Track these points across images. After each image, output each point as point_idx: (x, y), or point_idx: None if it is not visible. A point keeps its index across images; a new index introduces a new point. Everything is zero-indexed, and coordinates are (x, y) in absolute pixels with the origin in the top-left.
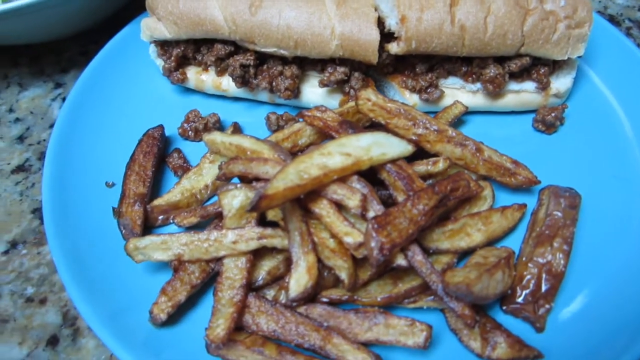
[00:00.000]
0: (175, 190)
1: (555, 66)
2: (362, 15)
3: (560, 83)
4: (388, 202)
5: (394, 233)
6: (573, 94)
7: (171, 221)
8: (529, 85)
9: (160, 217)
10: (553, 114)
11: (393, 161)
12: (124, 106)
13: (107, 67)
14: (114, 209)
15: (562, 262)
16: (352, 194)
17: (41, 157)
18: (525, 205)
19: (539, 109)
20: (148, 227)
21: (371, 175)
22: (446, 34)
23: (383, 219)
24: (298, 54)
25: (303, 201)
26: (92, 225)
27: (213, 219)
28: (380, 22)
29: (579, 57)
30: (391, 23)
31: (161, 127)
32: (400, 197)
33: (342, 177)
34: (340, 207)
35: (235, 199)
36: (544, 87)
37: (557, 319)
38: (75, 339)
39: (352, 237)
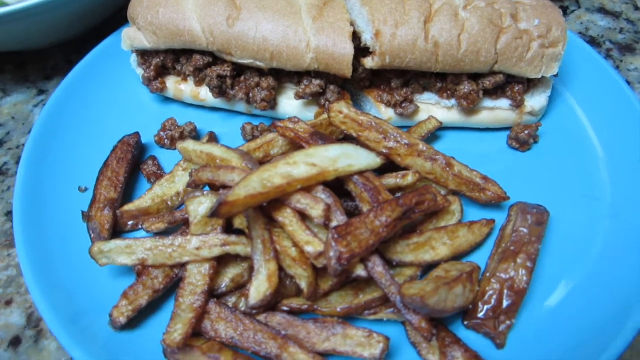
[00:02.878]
0: (146, 196)
1: (530, 84)
2: (337, 29)
3: (535, 101)
4: (354, 213)
5: (353, 243)
6: (548, 112)
7: (140, 227)
8: (504, 103)
9: (130, 223)
10: (526, 132)
11: (360, 173)
12: (103, 113)
13: (89, 74)
14: (83, 212)
15: (524, 278)
16: (316, 204)
17: (19, 161)
18: (493, 221)
19: (513, 126)
20: (118, 232)
21: (339, 186)
22: (420, 49)
23: (343, 228)
24: (274, 65)
25: (267, 209)
26: (62, 228)
27: (181, 226)
28: (357, 37)
29: (554, 76)
30: (366, 38)
31: (137, 134)
32: (366, 209)
33: (307, 187)
34: (304, 216)
35: (201, 205)
36: (517, 104)
37: (518, 335)
38: (37, 340)
39: (313, 246)
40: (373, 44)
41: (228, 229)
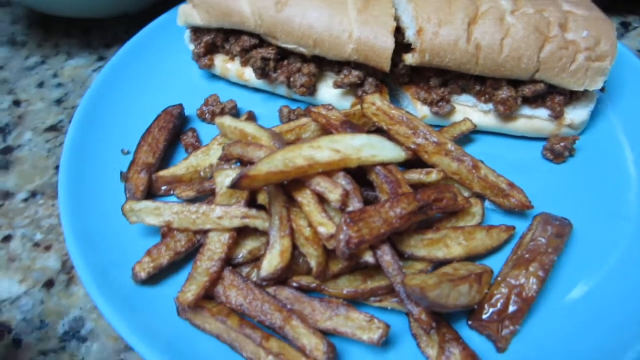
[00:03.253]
0: (181, 165)
1: (573, 97)
2: (381, 23)
3: (576, 114)
4: (373, 204)
5: (364, 229)
6: (589, 127)
7: (172, 192)
8: (543, 112)
9: (163, 188)
10: (562, 144)
11: (384, 164)
12: (153, 83)
13: (145, 46)
14: (121, 173)
15: (534, 287)
16: (334, 188)
17: None
18: (513, 228)
19: (550, 137)
20: (152, 196)
21: (363, 176)
22: (460, 50)
23: (357, 214)
24: (316, 53)
25: (288, 188)
26: (102, 185)
27: (209, 196)
28: (401, 33)
29: (601, 91)
30: (409, 34)
31: (180, 106)
32: None
33: (329, 172)
34: (323, 200)
35: (228, 178)
36: (557, 115)
37: (522, 343)
38: (68, 285)
39: (326, 228)
40: (415, 40)
41: (252, 204)
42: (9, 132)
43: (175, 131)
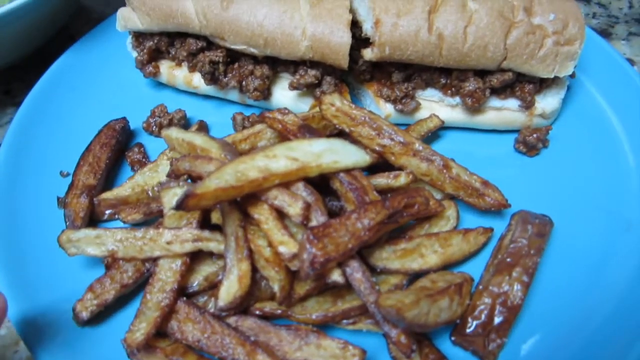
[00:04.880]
0: (126, 185)
1: (543, 85)
2: (336, 17)
3: (547, 103)
4: (340, 215)
5: (330, 246)
6: (562, 115)
7: (117, 217)
8: (512, 103)
9: (107, 212)
10: (535, 135)
11: (348, 171)
12: (95, 96)
13: (86, 54)
14: (58, 198)
15: (519, 294)
16: (294, 202)
17: None
18: (491, 230)
19: (522, 129)
20: (95, 221)
21: (325, 184)
22: (422, 41)
23: (321, 230)
24: (268, 53)
25: (243, 205)
26: (39, 213)
27: (159, 218)
28: (359, 27)
29: (570, 76)
30: (367, 27)
31: (124, 119)
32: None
33: (288, 183)
34: (283, 215)
35: (176, 197)
36: (527, 105)
37: (510, 356)
38: None
39: (287, 247)
40: (373, 34)
41: (206, 224)
42: None
43: (119, 148)
